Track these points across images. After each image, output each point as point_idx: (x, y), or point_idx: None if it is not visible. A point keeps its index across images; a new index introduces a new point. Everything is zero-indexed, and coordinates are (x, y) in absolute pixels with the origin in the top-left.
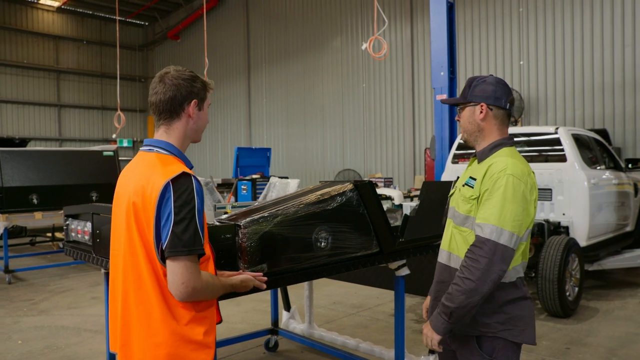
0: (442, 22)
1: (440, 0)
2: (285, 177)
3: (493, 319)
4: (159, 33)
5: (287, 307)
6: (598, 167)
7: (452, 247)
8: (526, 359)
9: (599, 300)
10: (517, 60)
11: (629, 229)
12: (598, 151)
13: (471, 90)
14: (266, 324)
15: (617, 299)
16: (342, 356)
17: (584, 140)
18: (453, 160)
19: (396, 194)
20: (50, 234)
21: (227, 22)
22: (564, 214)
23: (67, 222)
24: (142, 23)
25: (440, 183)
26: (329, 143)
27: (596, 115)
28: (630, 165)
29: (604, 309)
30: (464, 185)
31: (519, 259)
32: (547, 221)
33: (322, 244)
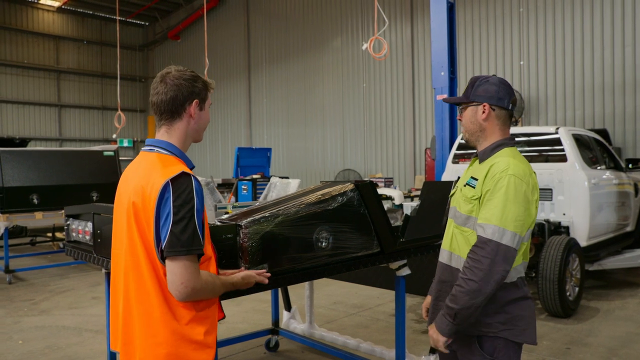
0: (442, 22)
1: (440, 0)
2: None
3: (494, 318)
4: (160, 33)
5: (288, 307)
6: (598, 167)
7: (454, 247)
8: (527, 359)
9: (599, 300)
10: (517, 60)
11: (629, 229)
12: (598, 151)
13: (474, 90)
14: (267, 324)
15: (617, 299)
16: (343, 356)
17: (584, 140)
18: (453, 160)
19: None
20: (50, 234)
21: (228, 22)
22: (564, 214)
23: (68, 222)
24: (142, 23)
25: (441, 183)
26: (329, 143)
27: (596, 115)
28: (630, 165)
29: (604, 309)
30: (465, 185)
31: (520, 259)
32: (547, 221)
33: (323, 244)
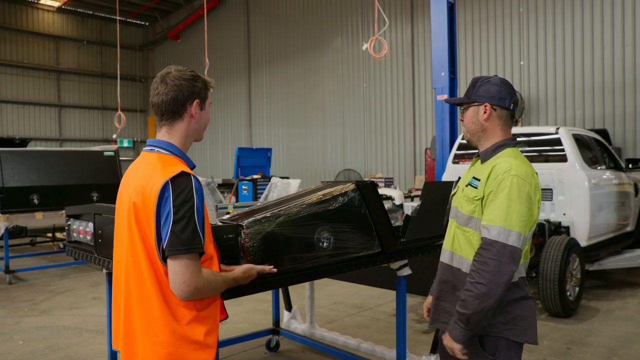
0: (442, 22)
1: (440, 1)
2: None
3: (496, 318)
4: (160, 33)
5: (289, 307)
6: (598, 167)
7: (455, 247)
8: (527, 358)
9: (599, 300)
10: (517, 60)
11: (629, 229)
12: (598, 151)
13: (475, 90)
14: (267, 324)
15: (617, 299)
16: (344, 356)
17: (584, 141)
18: (454, 161)
19: (397, 194)
20: (50, 234)
21: (228, 22)
22: (564, 214)
23: (69, 223)
24: (142, 23)
25: (442, 183)
26: (329, 143)
27: (596, 115)
28: (630, 165)
29: (604, 308)
30: (467, 185)
31: (521, 259)
32: (547, 221)
33: (324, 244)
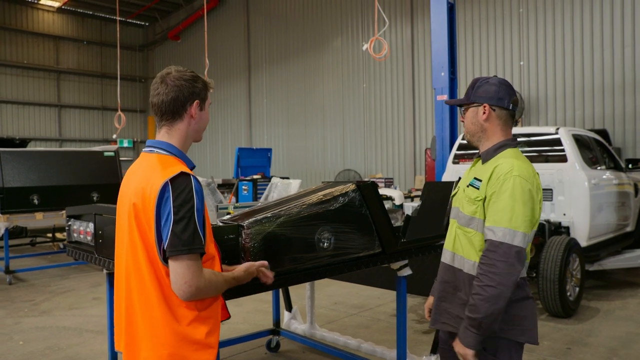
0: (442, 22)
1: (440, 1)
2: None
3: None
4: (160, 33)
5: (289, 308)
6: (598, 168)
7: (457, 247)
8: (528, 358)
9: (599, 300)
10: (517, 61)
11: (629, 229)
12: (598, 151)
13: (474, 91)
14: (268, 324)
15: (617, 299)
16: (344, 356)
17: (584, 141)
18: (454, 161)
19: (397, 194)
20: (50, 235)
21: (228, 23)
22: (564, 214)
23: (69, 223)
24: (142, 23)
25: (442, 183)
26: (329, 143)
27: (596, 115)
28: (630, 166)
29: (604, 309)
30: (468, 186)
31: None
32: (547, 221)
33: (325, 245)
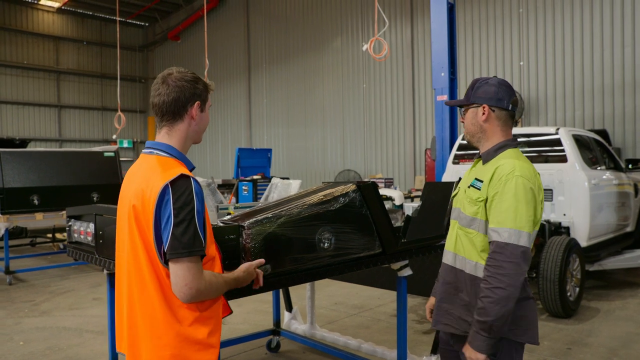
0: (442, 22)
1: (440, 1)
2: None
3: None
4: (159, 34)
5: (289, 308)
6: (598, 168)
7: (458, 248)
8: (528, 359)
9: (599, 300)
10: (517, 61)
11: (629, 229)
12: (598, 152)
13: (474, 92)
14: (268, 324)
15: (617, 299)
16: (344, 357)
17: (584, 141)
18: (454, 161)
19: (397, 195)
20: (50, 235)
21: (228, 23)
22: (564, 215)
23: (69, 223)
24: (142, 24)
25: (442, 184)
26: (329, 143)
27: (596, 115)
28: (630, 166)
29: (604, 309)
30: (469, 186)
31: None
32: (548, 222)
33: (325, 245)
